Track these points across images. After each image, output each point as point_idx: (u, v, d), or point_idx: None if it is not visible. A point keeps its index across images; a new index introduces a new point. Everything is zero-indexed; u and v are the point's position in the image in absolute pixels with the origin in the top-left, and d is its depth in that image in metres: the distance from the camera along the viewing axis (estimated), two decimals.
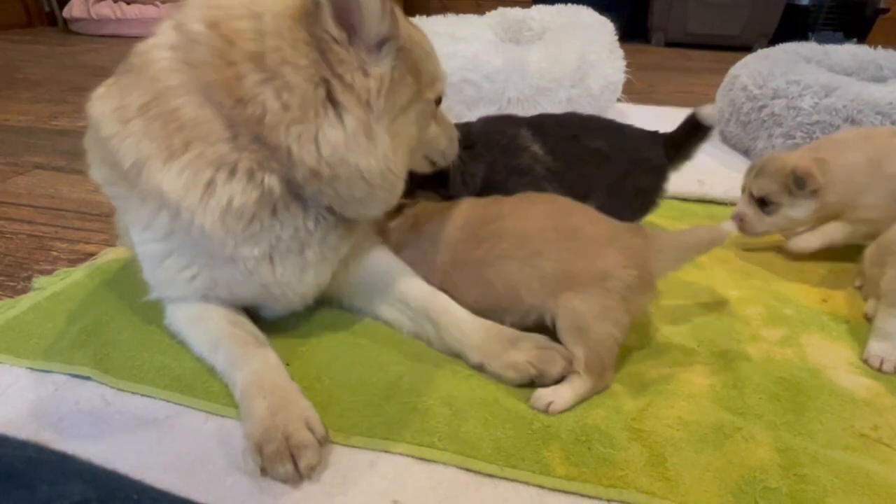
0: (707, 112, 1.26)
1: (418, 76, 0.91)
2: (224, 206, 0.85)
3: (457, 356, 0.98)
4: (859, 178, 1.23)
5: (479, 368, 0.95)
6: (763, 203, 1.25)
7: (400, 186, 0.95)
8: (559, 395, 0.88)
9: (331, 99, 0.82)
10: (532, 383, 0.91)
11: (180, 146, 0.84)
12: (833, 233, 1.29)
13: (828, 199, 1.22)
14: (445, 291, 1.04)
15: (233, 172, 0.85)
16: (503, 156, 1.19)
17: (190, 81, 0.83)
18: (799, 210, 1.24)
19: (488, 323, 0.98)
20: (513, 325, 0.98)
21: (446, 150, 1.10)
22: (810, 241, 1.30)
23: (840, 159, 1.23)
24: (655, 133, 1.31)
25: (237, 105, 0.81)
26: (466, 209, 1.08)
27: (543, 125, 1.25)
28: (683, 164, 1.31)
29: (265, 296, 0.98)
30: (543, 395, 0.88)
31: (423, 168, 1.11)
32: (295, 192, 0.89)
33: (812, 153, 1.26)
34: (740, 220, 1.28)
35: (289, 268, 0.95)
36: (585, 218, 1.00)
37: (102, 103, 0.89)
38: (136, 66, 0.88)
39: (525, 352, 0.93)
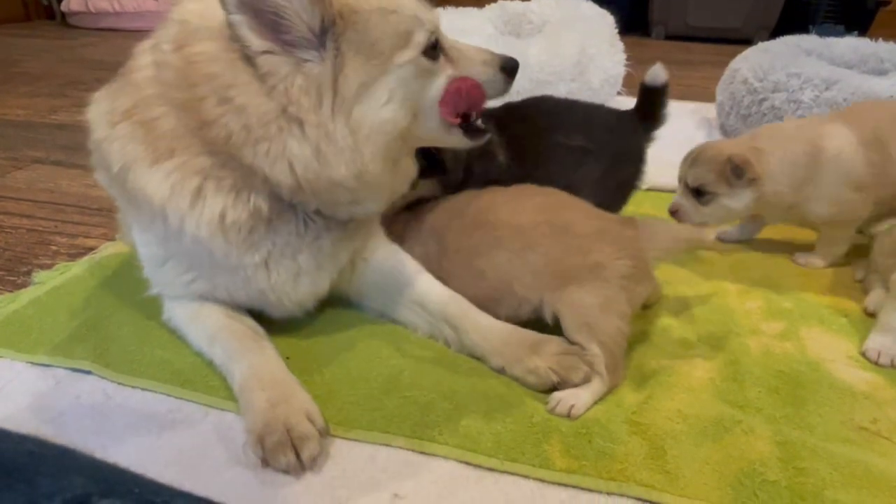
0: (651, 73, 1.23)
1: (372, 47, 0.82)
2: (217, 218, 0.85)
3: (477, 359, 0.97)
4: (799, 169, 1.19)
5: (500, 372, 0.95)
6: (699, 193, 1.21)
7: (385, 181, 0.90)
8: (579, 398, 0.87)
9: (287, 112, 0.79)
10: (554, 388, 0.90)
11: (165, 151, 0.84)
12: (834, 251, 1.28)
13: (766, 190, 1.18)
14: (443, 281, 1.04)
15: (220, 186, 0.85)
16: (478, 161, 1.14)
17: (164, 95, 0.83)
18: (737, 200, 1.19)
19: (509, 326, 0.97)
20: (507, 319, 0.98)
21: (487, 86, 0.96)
22: (815, 262, 1.29)
23: (778, 150, 1.20)
24: (630, 113, 1.29)
25: (204, 127, 0.81)
26: (463, 197, 1.08)
27: (507, 124, 1.17)
28: (658, 130, 1.30)
29: (262, 301, 0.98)
30: (564, 399, 0.87)
31: (459, 142, 0.98)
32: (282, 200, 0.88)
33: (749, 142, 1.22)
34: (675, 212, 1.24)
35: (283, 274, 0.94)
36: (578, 212, 1.01)
37: (97, 106, 0.90)
38: (126, 70, 0.88)
39: (546, 358, 0.91)
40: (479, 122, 1.01)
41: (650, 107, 1.26)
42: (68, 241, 1.38)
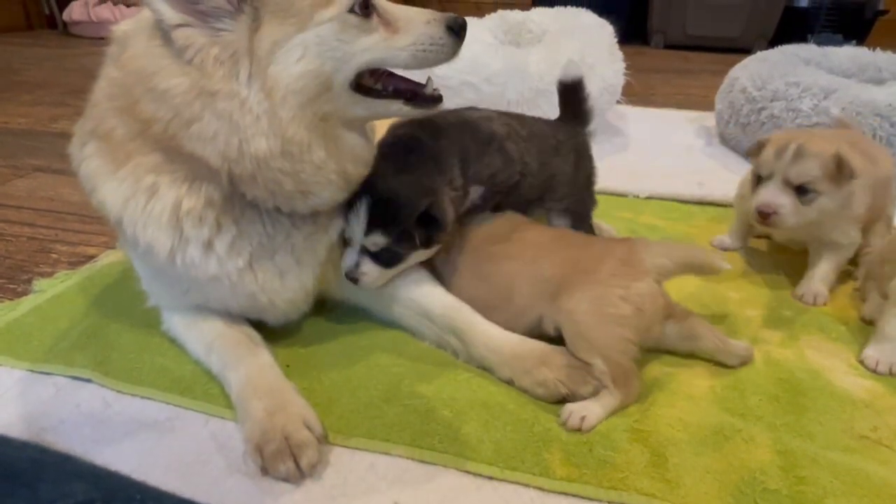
0: (566, 71, 1.18)
1: (291, 7, 0.80)
2: (170, 210, 0.85)
3: (485, 370, 0.97)
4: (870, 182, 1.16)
5: (509, 383, 0.94)
6: (802, 191, 1.10)
7: (319, 158, 0.85)
8: (590, 411, 0.86)
9: (201, 86, 0.78)
10: (563, 400, 0.90)
11: (123, 158, 0.86)
12: (832, 277, 1.21)
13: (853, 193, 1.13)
14: (445, 273, 1.06)
15: (174, 179, 0.85)
16: (510, 193, 1.09)
17: (113, 106, 0.86)
18: (833, 201, 1.11)
19: (517, 337, 0.97)
20: (508, 329, 0.98)
21: (417, 46, 0.89)
22: (822, 293, 1.19)
23: (857, 156, 1.13)
24: (561, 118, 1.27)
25: (145, 126, 0.82)
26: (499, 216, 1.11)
27: (518, 132, 1.11)
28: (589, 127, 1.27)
29: (254, 307, 0.97)
30: (575, 411, 0.86)
31: (399, 111, 0.94)
32: (242, 197, 0.87)
33: (833, 142, 1.13)
34: (772, 213, 1.10)
35: (268, 274, 0.94)
36: (583, 236, 1.09)
37: (73, 139, 0.92)
38: (91, 93, 0.91)
39: (556, 369, 0.91)
40: (434, 88, 0.96)
41: (574, 107, 1.23)
42: (69, 250, 1.38)
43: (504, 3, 3.13)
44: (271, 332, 1.02)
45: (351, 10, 0.83)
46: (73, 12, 4.36)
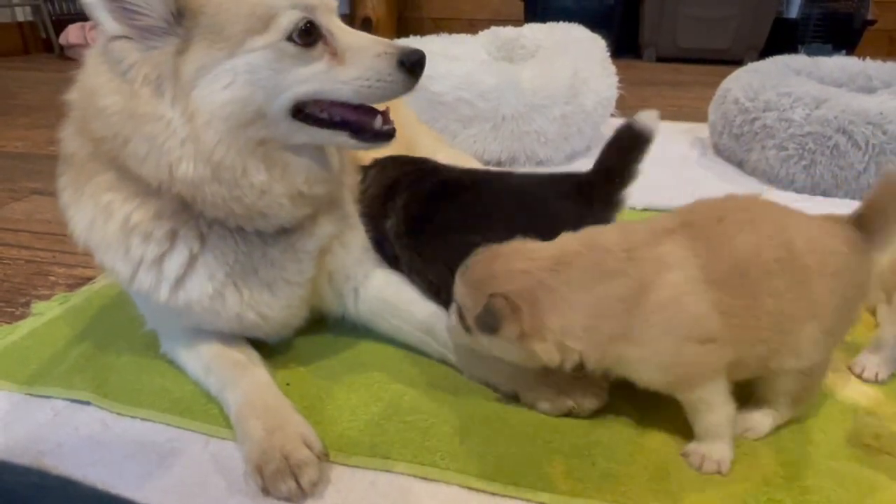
0: (645, 119, 0.96)
1: (220, 32, 0.77)
2: (119, 226, 0.86)
3: (488, 386, 0.96)
4: None
5: (512, 398, 0.93)
6: None
7: (260, 181, 0.83)
8: (761, 423, 0.85)
9: (129, 105, 0.78)
10: (569, 413, 0.89)
11: (85, 180, 0.87)
12: None
13: None
14: None
15: (127, 196, 0.86)
16: None
17: (75, 129, 0.88)
18: None
19: None
20: None
21: (361, 81, 0.84)
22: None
23: None
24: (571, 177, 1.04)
25: (97, 145, 0.83)
26: None
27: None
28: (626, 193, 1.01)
29: (244, 326, 0.96)
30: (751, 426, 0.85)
31: (345, 143, 0.89)
32: (203, 214, 0.86)
33: None
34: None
35: (255, 290, 0.93)
36: None
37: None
38: None
39: (560, 383, 0.90)
40: (386, 124, 0.91)
41: (621, 163, 1.01)
42: (67, 272, 1.38)
43: (497, 20, 3.16)
44: (270, 350, 1.01)
45: (289, 39, 0.80)
46: (70, 36, 4.39)
